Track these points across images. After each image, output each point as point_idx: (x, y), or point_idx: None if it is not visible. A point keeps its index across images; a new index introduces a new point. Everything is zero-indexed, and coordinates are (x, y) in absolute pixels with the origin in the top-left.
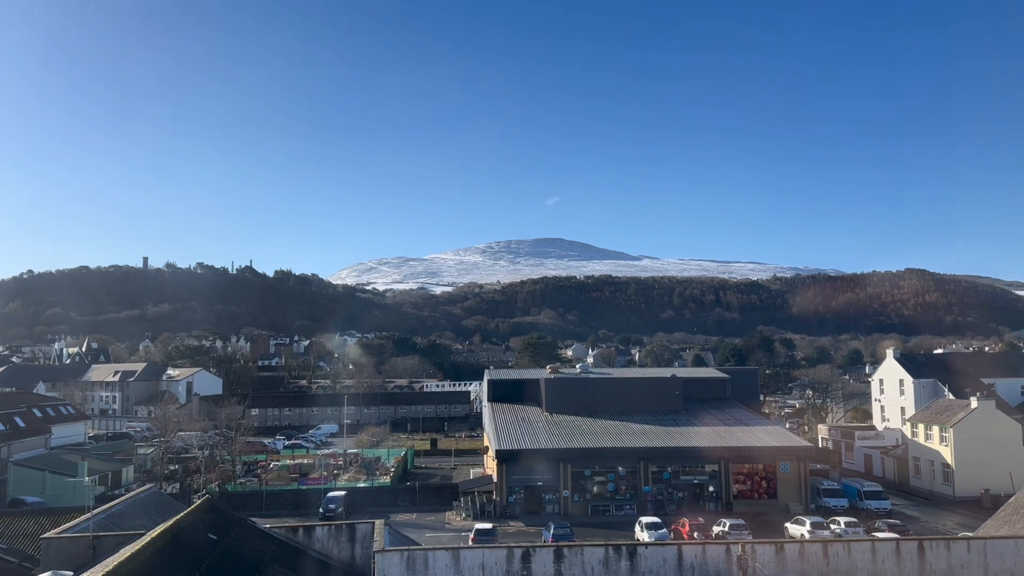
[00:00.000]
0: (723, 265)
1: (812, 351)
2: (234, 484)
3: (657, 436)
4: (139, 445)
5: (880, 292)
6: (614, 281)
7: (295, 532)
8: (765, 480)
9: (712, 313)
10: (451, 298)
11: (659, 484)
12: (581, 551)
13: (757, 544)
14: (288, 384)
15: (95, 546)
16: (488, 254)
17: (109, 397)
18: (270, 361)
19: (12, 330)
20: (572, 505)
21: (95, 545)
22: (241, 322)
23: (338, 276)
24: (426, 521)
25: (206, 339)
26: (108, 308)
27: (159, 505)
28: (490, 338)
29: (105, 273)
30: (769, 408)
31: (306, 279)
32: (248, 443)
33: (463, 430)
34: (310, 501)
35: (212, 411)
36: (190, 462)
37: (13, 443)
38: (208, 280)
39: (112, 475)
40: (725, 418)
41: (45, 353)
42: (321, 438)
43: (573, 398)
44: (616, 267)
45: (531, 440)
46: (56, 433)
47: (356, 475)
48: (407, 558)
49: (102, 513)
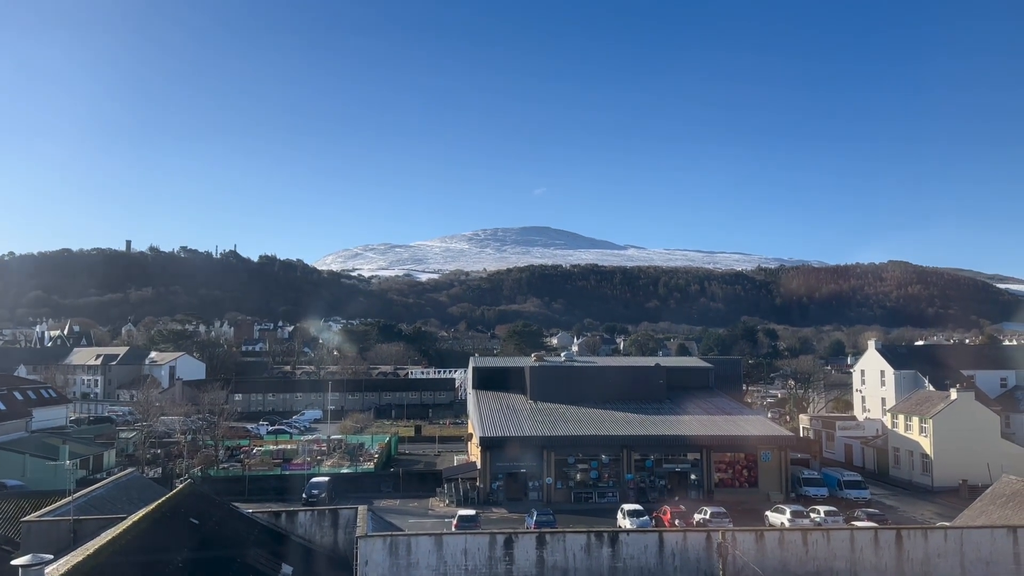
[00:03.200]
0: (708, 255)
1: (795, 342)
2: (217, 469)
3: (640, 424)
4: (121, 429)
5: (863, 284)
6: (600, 270)
7: (278, 517)
8: (746, 469)
9: (697, 303)
10: (437, 285)
11: (642, 472)
12: (563, 537)
13: (738, 532)
14: (272, 369)
15: (76, 530)
16: (475, 242)
17: (91, 381)
18: (254, 346)
19: None
20: (555, 492)
21: (76, 529)
22: (225, 307)
23: (323, 262)
24: (409, 507)
25: (189, 323)
26: (90, 291)
27: (141, 489)
28: (476, 326)
29: (88, 256)
30: (752, 398)
31: (291, 264)
32: (231, 428)
33: (447, 417)
34: (293, 487)
35: (195, 396)
36: (172, 447)
37: None
38: (192, 264)
39: (94, 459)
40: (708, 407)
41: (26, 336)
42: (305, 424)
43: (558, 386)
44: (602, 256)
45: (515, 427)
46: (37, 416)
47: (339, 461)
48: (390, 544)
49: (83, 497)
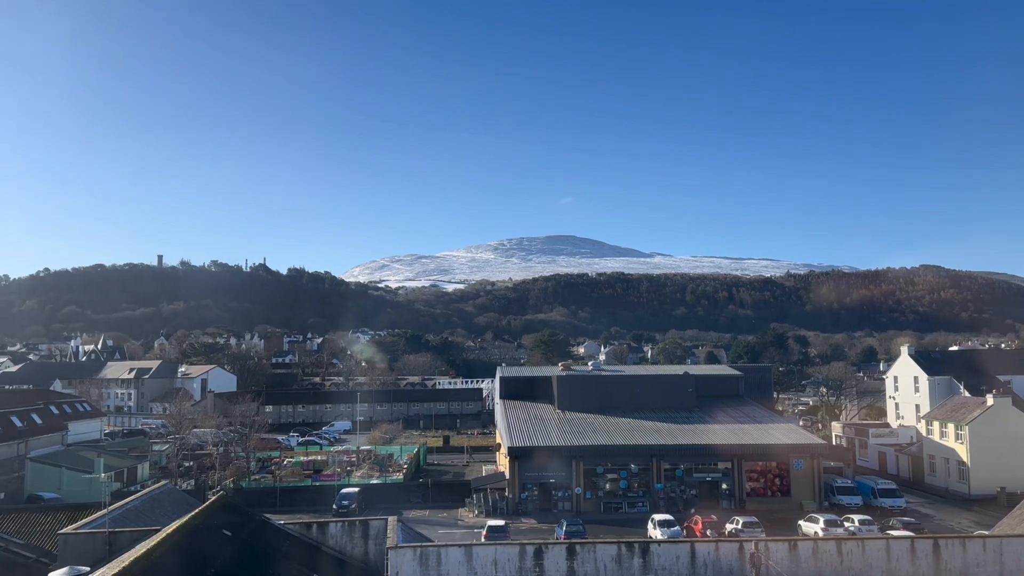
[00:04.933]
0: (736, 262)
1: (826, 348)
2: (248, 480)
3: (670, 433)
4: (154, 442)
5: (895, 288)
6: (626, 278)
7: (309, 528)
8: (778, 478)
9: (725, 310)
10: (463, 295)
11: (672, 482)
12: (594, 548)
13: (770, 542)
14: (302, 381)
15: (111, 542)
16: (500, 251)
17: (125, 394)
18: (284, 358)
19: (29, 328)
20: (584, 502)
21: (111, 541)
22: (255, 319)
23: (351, 274)
24: (439, 518)
25: (220, 336)
26: (123, 306)
27: (174, 501)
28: (502, 335)
29: (120, 271)
30: (783, 406)
31: (319, 277)
32: (262, 440)
33: (475, 427)
34: (324, 497)
35: (227, 408)
36: (205, 459)
37: (30, 439)
38: (222, 278)
39: (128, 472)
40: (738, 415)
41: (61, 351)
42: (334, 435)
43: (585, 395)
44: (628, 264)
45: (543, 437)
46: (72, 430)
47: (369, 472)
48: (420, 554)
49: (118, 509)
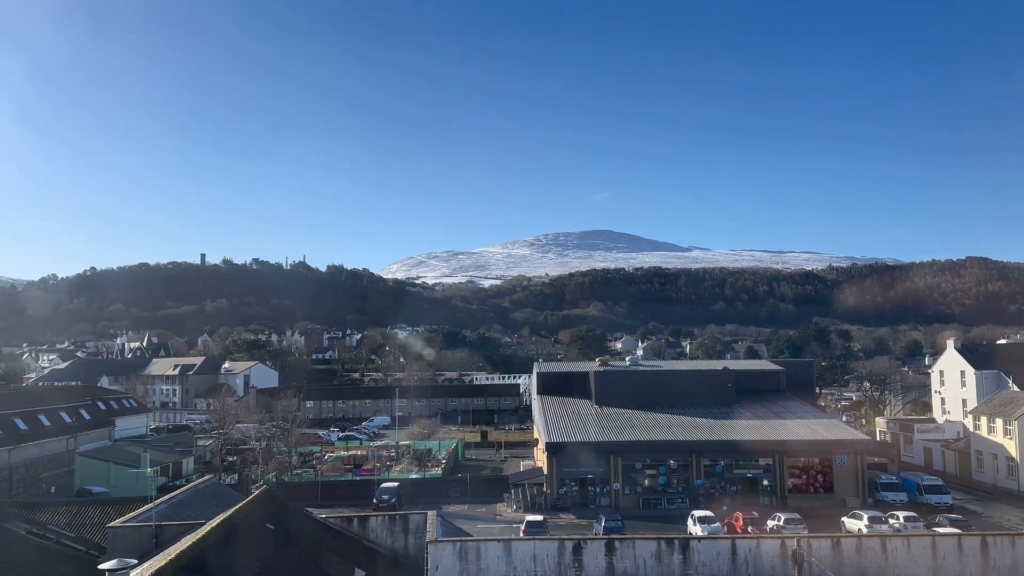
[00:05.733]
0: (776, 255)
1: (870, 342)
2: (290, 475)
3: (709, 429)
4: (199, 437)
5: (940, 281)
6: (664, 273)
7: (350, 522)
8: (821, 474)
9: (765, 304)
10: (499, 291)
11: (712, 478)
12: (633, 544)
13: (813, 539)
14: (341, 377)
15: (158, 535)
16: (536, 247)
17: (169, 390)
18: (324, 354)
19: (77, 326)
20: (623, 498)
21: (158, 534)
22: (295, 316)
23: (388, 270)
24: (477, 513)
25: (262, 333)
26: (168, 303)
27: (218, 495)
28: (539, 331)
29: (164, 269)
30: (825, 401)
31: (357, 274)
32: (303, 435)
33: (513, 423)
34: (364, 492)
35: (268, 403)
36: (248, 453)
37: (79, 435)
38: (263, 275)
39: (173, 466)
40: (779, 411)
41: (108, 348)
42: (374, 430)
43: (623, 391)
44: (666, 259)
45: (581, 433)
46: (119, 425)
47: (408, 466)
48: (459, 549)
49: (164, 503)
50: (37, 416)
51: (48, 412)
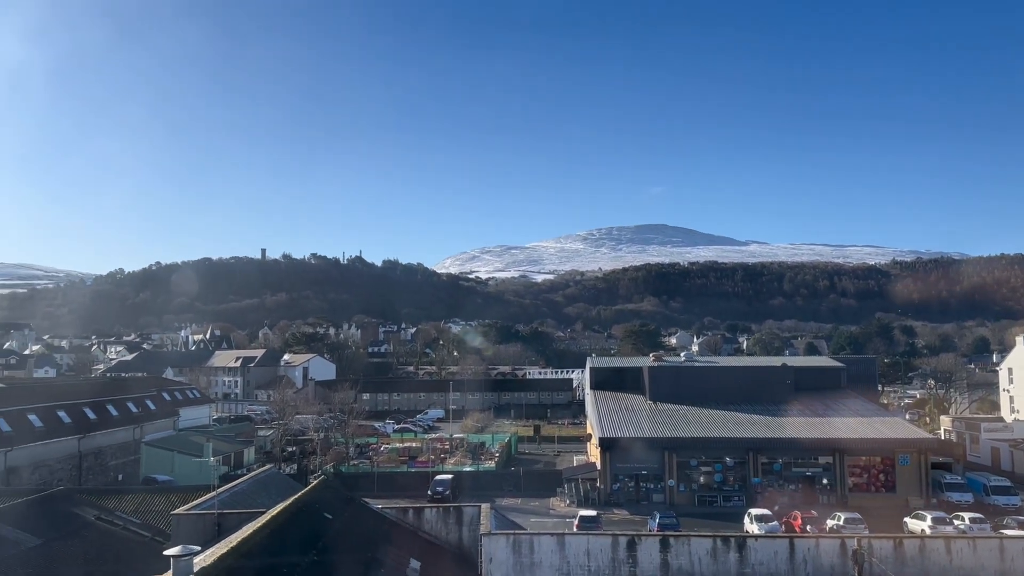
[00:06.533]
0: (837, 249)
1: (935, 339)
2: (348, 466)
3: (767, 427)
4: (259, 427)
5: (1009, 276)
6: (720, 267)
7: (406, 513)
8: (883, 473)
9: (826, 300)
10: (552, 286)
11: (769, 476)
12: (688, 541)
13: (874, 539)
14: (396, 370)
15: (220, 523)
16: (589, 241)
17: (231, 382)
18: (379, 348)
19: (143, 319)
20: (678, 495)
21: (220, 522)
22: (352, 310)
23: (442, 265)
24: (530, 506)
25: (320, 326)
26: (230, 297)
27: (278, 485)
28: (592, 326)
29: (226, 264)
30: (888, 399)
31: (412, 268)
32: (360, 426)
33: (566, 417)
34: (418, 483)
35: (326, 395)
36: (306, 444)
37: (145, 424)
38: (321, 270)
39: (235, 456)
40: (840, 409)
41: (172, 340)
42: (428, 423)
43: (677, 387)
44: (722, 253)
45: (634, 428)
46: (183, 415)
47: (462, 459)
48: (513, 542)
49: (226, 492)
50: (105, 406)
51: (116, 402)
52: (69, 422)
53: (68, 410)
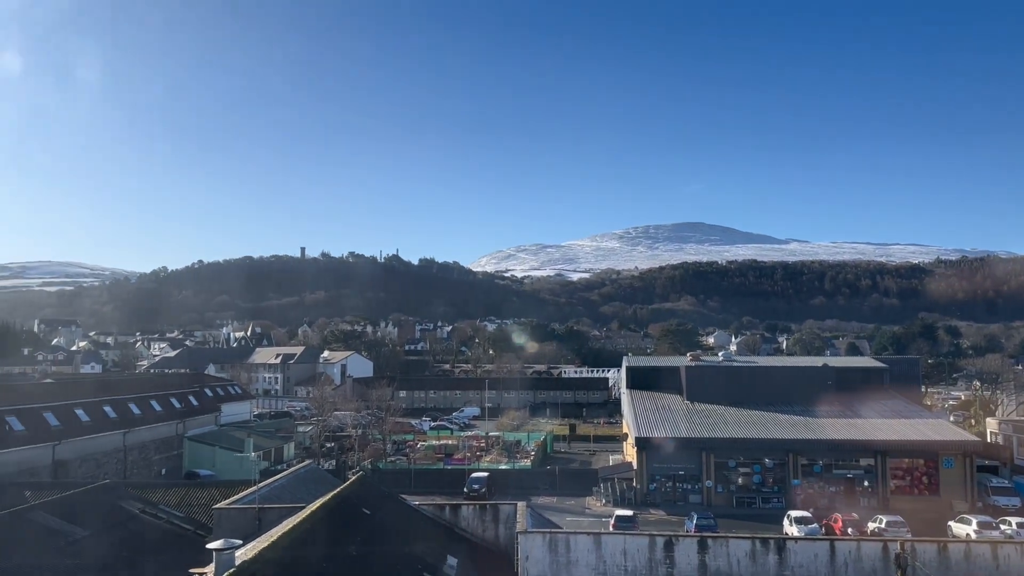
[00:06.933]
0: (880, 248)
1: (980, 339)
2: (385, 462)
3: (807, 427)
4: (299, 423)
5: None
6: (759, 266)
7: (442, 510)
8: (926, 476)
9: (868, 299)
10: (588, 285)
11: (809, 477)
12: (726, 542)
13: (917, 542)
14: (432, 368)
15: (260, 517)
16: (625, 240)
17: (272, 378)
18: (416, 346)
19: (186, 316)
20: (715, 496)
21: (260, 516)
22: (389, 308)
23: (478, 263)
24: (566, 505)
25: (358, 324)
26: (270, 295)
27: (317, 480)
28: (628, 325)
29: (267, 263)
30: (931, 400)
31: (448, 267)
32: (397, 423)
33: (601, 416)
34: (454, 480)
35: (364, 392)
36: (345, 440)
37: (188, 420)
38: (359, 268)
39: (275, 451)
40: (882, 410)
41: (214, 337)
42: (464, 420)
43: (715, 387)
44: (761, 251)
45: (671, 428)
46: (225, 411)
47: (498, 457)
48: (549, 540)
49: (266, 487)
50: (149, 401)
51: (159, 398)
52: (115, 417)
53: (114, 405)
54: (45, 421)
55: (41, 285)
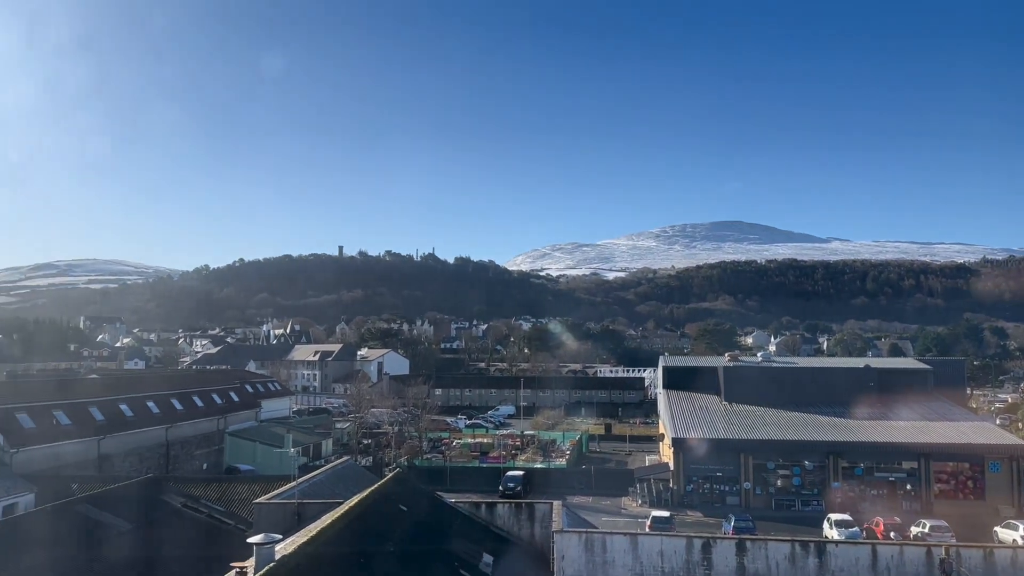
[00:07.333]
0: (924, 247)
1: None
2: (421, 459)
3: (848, 429)
4: (336, 420)
5: None
6: (799, 265)
7: (478, 508)
8: (971, 480)
9: (911, 299)
10: (624, 284)
11: (850, 480)
12: (765, 545)
13: (963, 547)
14: (468, 366)
15: (299, 512)
16: (662, 239)
17: (310, 375)
18: (451, 344)
19: (226, 313)
20: (753, 498)
21: (299, 511)
22: (425, 306)
23: (513, 262)
24: (602, 505)
25: (394, 322)
26: (308, 293)
27: (355, 476)
28: (664, 324)
29: (305, 261)
30: (977, 403)
31: (483, 265)
32: (433, 421)
33: (637, 416)
34: (489, 478)
35: (400, 390)
36: (381, 437)
37: (229, 415)
38: (395, 267)
39: (313, 447)
40: (926, 412)
41: (255, 334)
42: (499, 419)
43: (754, 387)
44: (801, 250)
45: (709, 429)
46: (265, 407)
47: (533, 456)
48: (585, 540)
49: (305, 482)
50: (191, 397)
51: (201, 394)
52: (158, 412)
53: (157, 401)
54: (91, 416)
55: (87, 283)
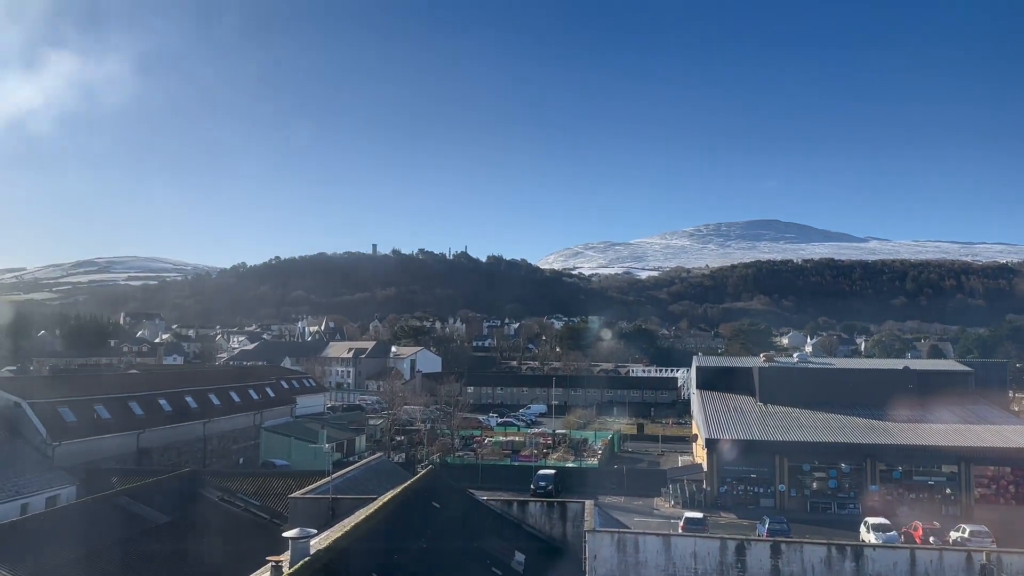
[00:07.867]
0: (966, 247)
1: None
2: (453, 457)
3: (886, 432)
4: (370, 416)
5: None
6: (836, 265)
7: (509, 506)
8: (1013, 484)
9: (952, 300)
10: (656, 283)
11: (888, 484)
12: (800, 548)
13: (1004, 553)
14: (500, 364)
15: (334, 507)
16: (696, 237)
17: (344, 372)
18: (483, 342)
19: (263, 310)
20: (788, 500)
21: (334, 506)
22: (457, 305)
23: (545, 261)
24: (634, 505)
25: (427, 320)
26: (342, 290)
27: (388, 473)
28: (697, 324)
29: (340, 259)
30: (1020, 406)
31: (516, 264)
32: (465, 419)
33: (670, 416)
34: (521, 477)
35: (433, 387)
36: (414, 434)
37: (265, 411)
38: (428, 265)
39: (347, 443)
40: (966, 415)
41: (290, 331)
42: (531, 417)
43: (790, 389)
44: (839, 250)
45: (743, 430)
46: (300, 403)
47: (564, 455)
48: (618, 540)
49: (339, 478)
50: (228, 393)
51: (238, 389)
52: (195, 407)
53: (194, 396)
54: (130, 410)
55: (127, 279)
